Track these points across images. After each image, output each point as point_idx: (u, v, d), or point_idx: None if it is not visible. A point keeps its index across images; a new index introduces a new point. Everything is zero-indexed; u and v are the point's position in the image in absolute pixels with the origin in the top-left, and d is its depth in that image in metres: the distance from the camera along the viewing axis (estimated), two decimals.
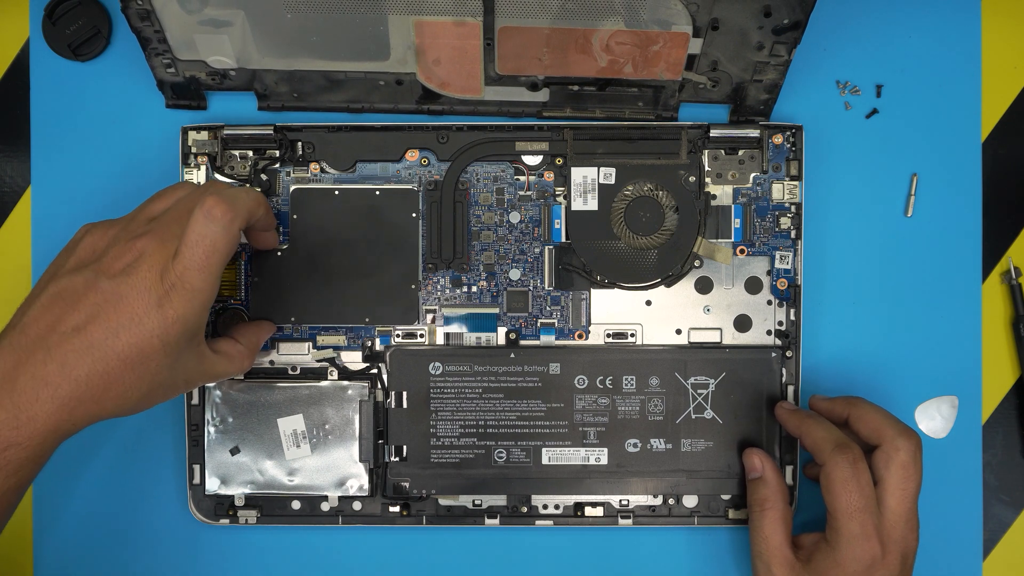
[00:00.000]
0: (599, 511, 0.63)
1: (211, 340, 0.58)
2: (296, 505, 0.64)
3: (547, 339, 0.64)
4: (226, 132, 0.63)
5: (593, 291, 0.64)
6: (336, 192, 0.63)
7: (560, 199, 0.64)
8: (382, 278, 0.63)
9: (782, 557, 0.59)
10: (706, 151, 0.63)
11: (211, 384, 0.63)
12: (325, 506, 0.64)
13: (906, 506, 0.57)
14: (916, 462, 0.57)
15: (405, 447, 0.63)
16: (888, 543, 0.57)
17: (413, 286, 0.63)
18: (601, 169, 0.63)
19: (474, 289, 0.64)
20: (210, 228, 0.53)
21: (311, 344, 0.64)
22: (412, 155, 0.64)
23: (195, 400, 0.63)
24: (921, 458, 0.57)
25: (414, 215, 0.63)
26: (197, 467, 0.63)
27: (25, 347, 0.52)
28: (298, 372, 0.64)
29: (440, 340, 0.64)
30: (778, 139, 0.63)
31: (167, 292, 0.52)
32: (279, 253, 0.63)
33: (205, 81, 0.63)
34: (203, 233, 0.53)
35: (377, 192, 0.63)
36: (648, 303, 0.64)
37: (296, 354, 0.64)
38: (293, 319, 0.63)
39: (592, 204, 0.63)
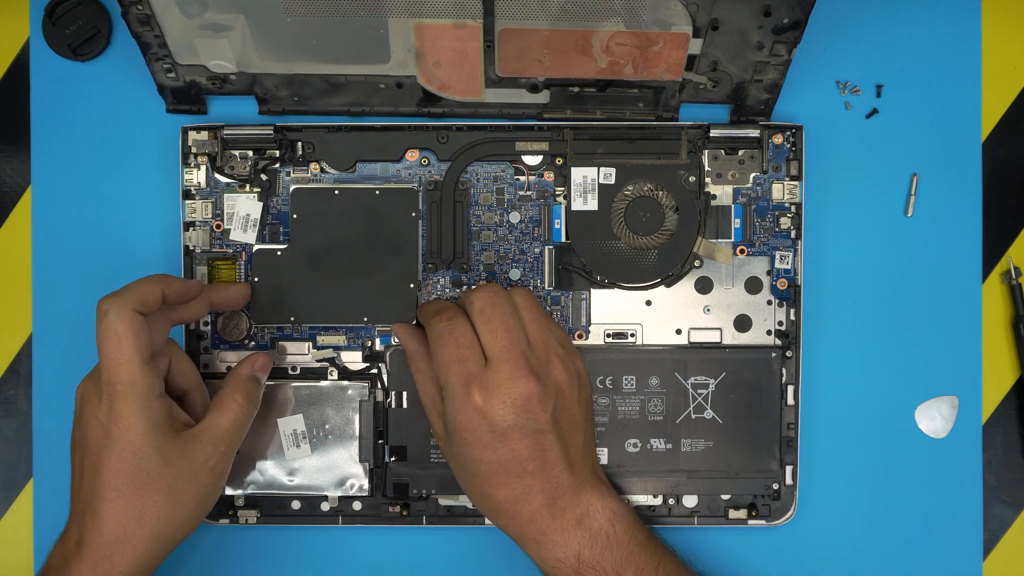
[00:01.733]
0: None
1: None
2: (296, 505, 0.64)
3: None
4: (226, 132, 0.63)
5: (593, 291, 0.64)
6: (336, 192, 0.63)
7: (560, 199, 0.64)
8: (381, 277, 0.63)
9: (437, 413, 0.59)
10: (706, 151, 0.63)
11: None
12: (325, 506, 0.64)
13: (501, 343, 0.56)
14: (494, 304, 0.57)
15: (405, 447, 0.63)
16: (491, 391, 0.56)
17: (412, 285, 0.63)
18: (601, 169, 0.63)
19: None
20: (105, 323, 0.55)
21: (311, 344, 0.64)
22: (412, 155, 0.64)
23: None
24: (501, 300, 0.58)
25: (413, 215, 0.63)
26: None
27: (71, 513, 0.57)
28: (298, 372, 0.64)
29: None
30: (778, 139, 0.63)
31: (107, 407, 0.55)
32: (279, 252, 0.63)
33: (205, 86, 0.63)
34: (103, 332, 0.55)
35: (377, 192, 0.63)
36: (648, 303, 0.64)
37: (296, 354, 0.64)
38: (293, 319, 0.63)
39: (592, 204, 0.63)
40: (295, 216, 0.63)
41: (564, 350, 0.59)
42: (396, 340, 0.63)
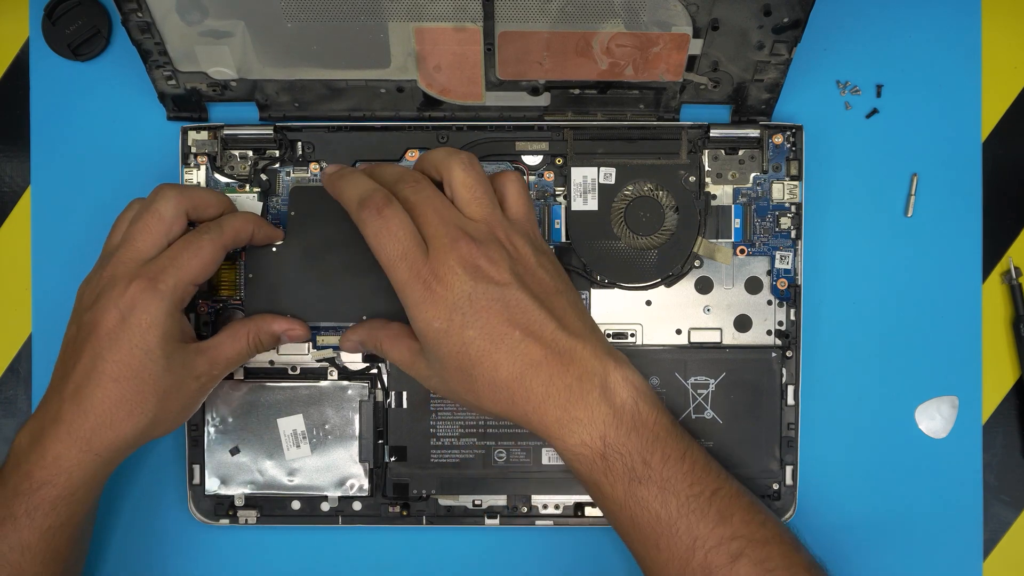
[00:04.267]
0: (599, 511, 0.63)
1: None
2: (296, 505, 0.64)
3: None
4: (226, 132, 0.63)
5: (593, 291, 0.64)
6: None
7: (560, 199, 0.64)
8: (378, 274, 0.59)
9: (410, 353, 0.57)
10: (706, 151, 0.63)
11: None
12: (325, 506, 0.64)
13: (433, 225, 0.54)
14: (417, 192, 0.56)
15: (405, 447, 0.63)
16: (440, 269, 0.54)
17: None
18: (601, 169, 0.63)
19: None
20: (202, 236, 0.57)
21: (311, 344, 0.64)
22: (412, 155, 0.64)
23: None
24: (423, 186, 0.56)
25: None
26: (197, 467, 0.63)
27: (49, 398, 0.57)
28: (298, 372, 0.64)
29: None
30: (778, 139, 0.63)
31: (132, 300, 0.55)
32: (274, 248, 0.61)
33: (206, 92, 0.63)
34: (194, 240, 0.57)
35: None
36: (648, 303, 0.64)
37: (296, 354, 0.64)
38: (290, 317, 0.62)
39: (592, 204, 0.63)
40: (292, 213, 0.62)
41: (511, 223, 0.57)
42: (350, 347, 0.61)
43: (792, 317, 0.63)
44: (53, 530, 0.56)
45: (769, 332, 0.63)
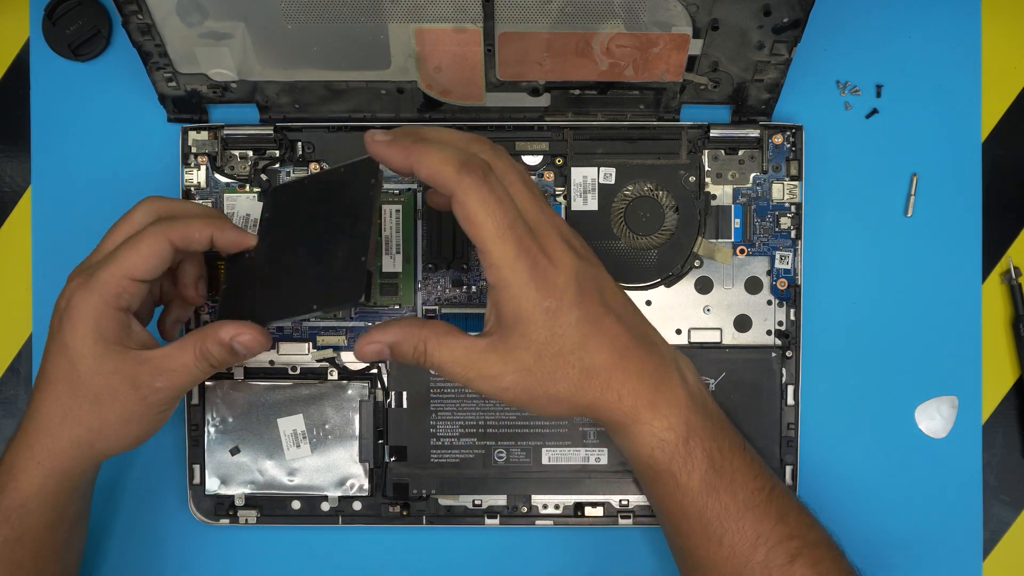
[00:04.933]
0: (599, 511, 0.63)
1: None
2: (296, 505, 0.64)
3: None
4: (226, 132, 0.63)
5: None
6: (305, 181, 0.59)
7: (560, 199, 0.64)
8: (330, 258, 0.55)
9: (478, 354, 0.52)
10: (706, 151, 0.63)
11: (209, 382, 0.63)
12: (325, 506, 0.64)
13: (511, 239, 0.50)
14: (492, 188, 0.50)
15: (405, 447, 0.63)
16: (551, 246, 0.51)
17: (363, 259, 0.54)
18: (601, 169, 0.63)
19: (474, 289, 0.64)
20: (140, 233, 0.55)
21: (311, 344, 0.64)
22: None
23: (195, 400, 0.63)
24: (493, 175, 0.50)
25: (373, 182, 0.55)
26: (197, 467, 0.63)
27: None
28: (298, 372, 0.64)
29: None
30: (778, 139, 0.63)
31: (68, 299, 0.54)
32: (247, 255, 0.58)
33: (206, 94, 0.63)
34: (127, 223, 0.56)
35: (341, 169, 0.57)
36: (648, 303, 0.64)
37: (296, 354, 0.64)
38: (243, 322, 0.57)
39: (592, 204, 0.63)
40: (267, 215, 0.59)
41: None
42: (381, 351, 0.54)
43: (792, 317, 0.63)
44: (10, 543, 0.55)
45: (769, 332, 0.63)
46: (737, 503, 0.53)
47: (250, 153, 0.63)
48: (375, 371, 0.64)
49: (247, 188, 0.63)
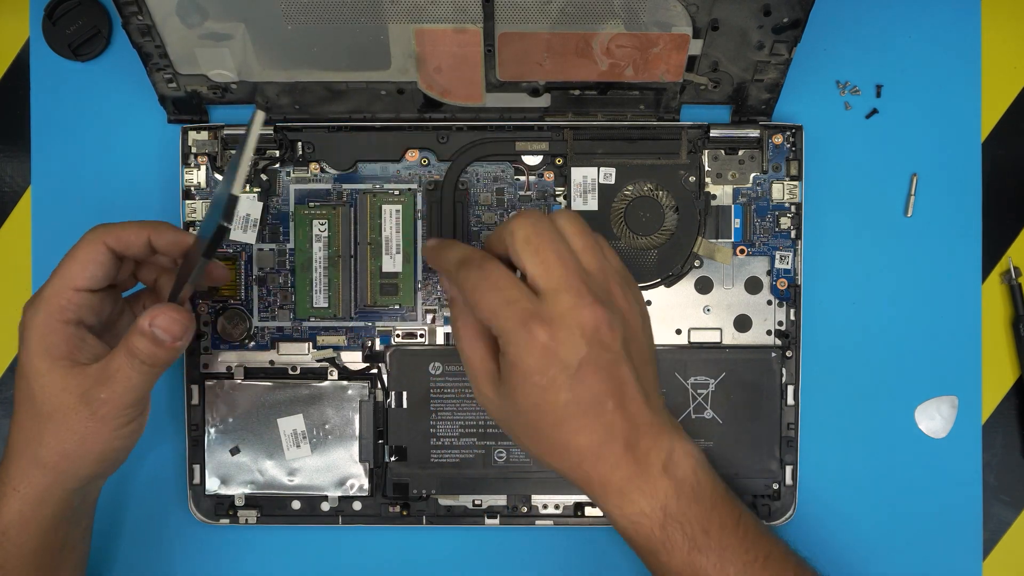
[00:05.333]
0: (599, 511, 0.63)
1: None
2: (296, 505, 0.64)
3: None
4: (226, 132, 0.63)
5: None
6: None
7: (560, 199, 0.64)
8: (213, 208, 0.54)
9: (484, 372, 0.53)
10: (706, 151, 0.63)
11: (209, 382, 0.63)
12: (325, 506, 0.64)
13: (555, 273, 0.50)
14: (539, 232, 0.51)
15: (405, 447, 0.63)
16: (551, 318, 0.50)
17: (229, 187, 0.52)
18: (601, 169, 0.63)
19: None
20: (75, 244, 0.55)
21: (311, 344, 0.64)
22: (412, 155, 0.64)
23: (195, 400, 0.63)
24: (545, 226, 0.51)
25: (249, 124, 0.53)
26: (197, 467, 0.63)
27: None
28: (298, 372, 0.64)
29: (440, 340, 0.64)
30: (778, 139, 0.63)
31: (21, 321, 0.54)
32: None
33: (207, 95, 0.62)
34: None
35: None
36: (648, 303, 0.64)
37: (296, 354, 0.64)
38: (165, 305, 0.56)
39: (592, 204, 0.63)
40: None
41: (622, 277, 0.54)
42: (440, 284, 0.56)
43: (792, 317, 0.63)
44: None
45: (769, 332, 0.63)
46: None
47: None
48: (375, 371, 0.64)
49: (247, 188, 0.63)
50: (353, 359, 0.64)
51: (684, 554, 0.53)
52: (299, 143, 0.63)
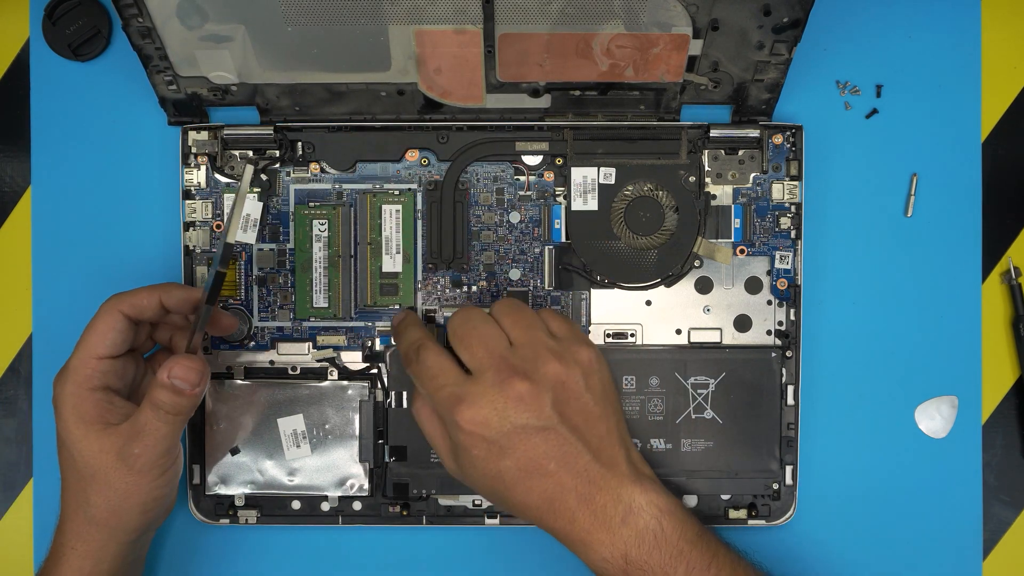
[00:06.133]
0: None
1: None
2: (296, 505, 0.64)
3: None
4: (226, 132, 0.63)
5: (593, 291, 0.64)
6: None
7: (560, 199, 0.64)
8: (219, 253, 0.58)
9: (444, 448, 0.58)
10: (706, 151, 0.63)
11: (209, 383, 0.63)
12: (325, 506, 0.64)
13: (478, 356, 0.56)
14: (465, 322, 0.57)
15: (405, 447, 0.63)
16: (470, 393, 0.55)
17: (225, 233, 0.59)
18: (601, 169, 0.63)
19: (474, 289, 0.64)
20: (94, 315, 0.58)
21: (311, 344, 0.64)
22: (412, 155, 0.64)
23: None
24: (472, 315, 0.57)
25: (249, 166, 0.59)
26: (197, 467, 0.63)
27: None
28: (298, 372, 0.64)
29: (440, 340, 0.64)
30: (778, 139, 0.63)
31: (53, 396, 0.57)
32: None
33: (207, 97, 0.62)
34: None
35: None
36: (648, 303, 0.64)
37: (296, 354, 0.64)
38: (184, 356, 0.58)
39: (592, 204, 0.63)
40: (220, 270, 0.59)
41: (559, 342, 0.57)
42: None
43: (792, 317, 0.63)
44: None
45: (769, 332, 0.63)
46: None
47: (250, 153, 0.63)
48: (375, 371, 0.64)
49: (250, 189, 0.63)
50: (353, 359, 0.64)
51: None
52: (299, 143, 0.63)
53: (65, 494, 0.58)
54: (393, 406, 0.63)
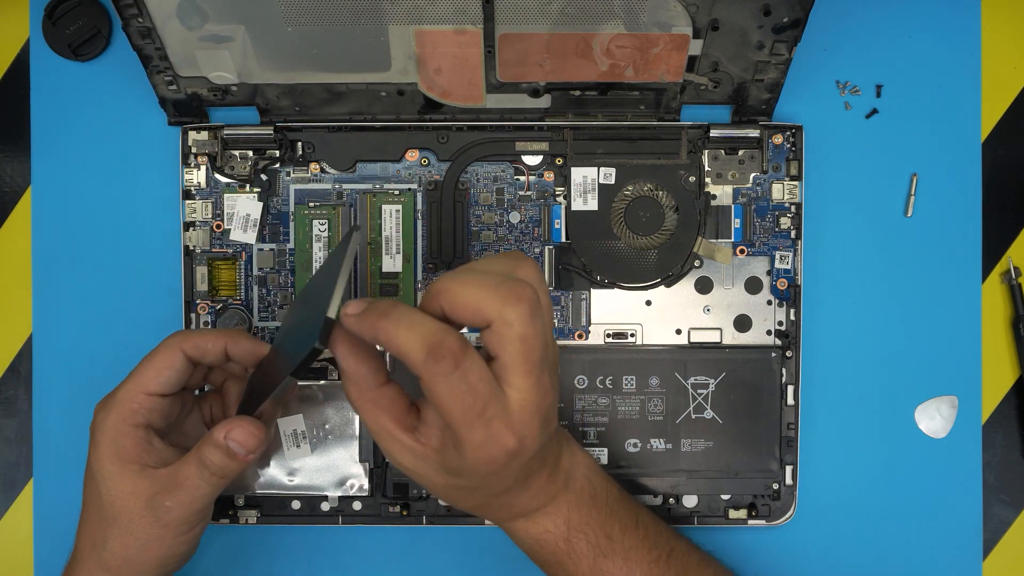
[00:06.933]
0: None
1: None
2: (296, 505, 0.64)
3: None
4: (226, 132, 0.63)
5: (593, 291, 0.64)
6: (313, 275, 0.59)
7: (560, 199, 0.64)
8: (304, 323, 0.52)
9: (401, 447, 0.50)
10: (706, 151, 0.63)
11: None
12: (325, 506, 0.64)
13: (533, 377, 0.48)
14: (535, 323, 0.47)
15: None
16: (521, 425, 0.48)
17: (327, 306, 0.49)
18: (601, 169, 0.63)
19: None
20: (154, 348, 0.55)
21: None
22: (412, 155, 0.64)
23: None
24: (540, 307, 0.48)
25: (348, 239, 0.52)
26: None
27: None
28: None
29: None
30: (778, 139, 0.63)
31: (94, 420, 0.55)
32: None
33: (207, 97, 0.62)
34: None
35: (337, 247, 0.56)
36: (648, 303, 0.64)
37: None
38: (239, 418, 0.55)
39: (592, 204, 0.63)
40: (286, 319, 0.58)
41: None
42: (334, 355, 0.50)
43: (792, 317, 0.63)
44: None
45: (769, 332, 0.63)
46: None
47: (250, 153, 0.63)
48: None
49: (247, 188, 0.63)
50: None
51: (590, 561, 0.54)
52: (299, 143, 0.63)
53: (82, 530, 0.55)
54: None
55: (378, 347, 0.49)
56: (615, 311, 0.64)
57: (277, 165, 0.64)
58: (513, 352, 0.47)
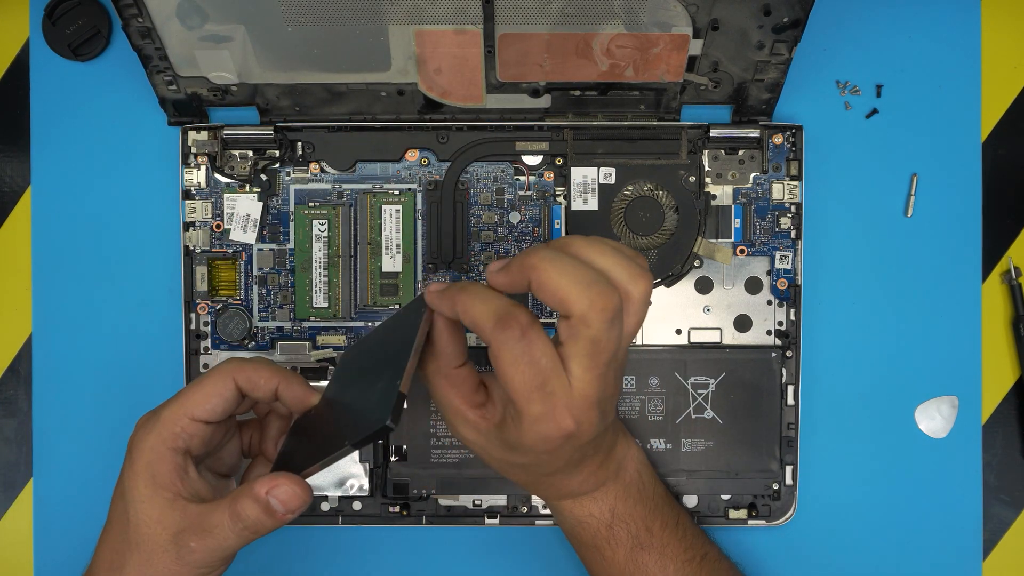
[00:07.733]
0: None
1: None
2: None
3: None
4: (226, 132, 0.63)
5: None
6: (370, 336, 0.59)
7: (560, 199, 0.64)
8: (371, 392, 0.52)
9: (464, 421, 0.53)
10: (706, 151, 0.63)
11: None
12: (325, 506, 0.64)
13: (597, 371, 0.49)
14: (611, 331, 0.49)
15: (405, 447, 0.63)
16: (579, 411, 0.49)
17: (397, 382, 0.50)
18: (601, 169, 0.63)
19: None
20: (207, 372, 0.54)
21: (311, 344, 0.64)
22: (412, 155, 0.64)
23: None
24: (621, 317, 0.49)
25: (421, 313, 0.53)
26: None
27: None
28: (298, 372, 0.64)
29: None
30: (778, 139, 0.63)
31: (131, 439, 0.53)
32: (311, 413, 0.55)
33: (207, 97, 0.62)
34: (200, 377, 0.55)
35: (400, 313, 0.56)
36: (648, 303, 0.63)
37: (296, 354, 0.64)
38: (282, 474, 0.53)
39: (592, 204, 0.63)
40: (336, 373, 0.58)
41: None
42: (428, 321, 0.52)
43: (792, 317, 0.63)
44: None
45: (769, 332, 0.63)
46: (667, 574, 0.57)
47: (250, 153, 0.63)
48: None
49: (247, 188, 0.63)
50: None
51: (627, 551, 0.57)
52: (299, 143, 0.63)
53: (102, 548, 0.53)
54: None
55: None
56: None
57: (277, 165, 0.64)
58: (582, 348, 0.49)
